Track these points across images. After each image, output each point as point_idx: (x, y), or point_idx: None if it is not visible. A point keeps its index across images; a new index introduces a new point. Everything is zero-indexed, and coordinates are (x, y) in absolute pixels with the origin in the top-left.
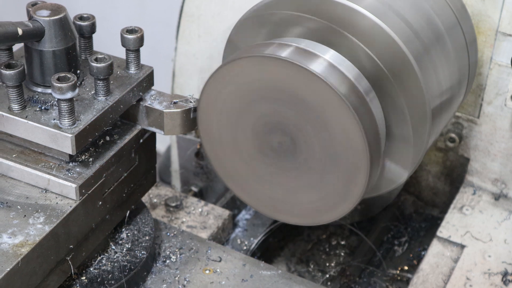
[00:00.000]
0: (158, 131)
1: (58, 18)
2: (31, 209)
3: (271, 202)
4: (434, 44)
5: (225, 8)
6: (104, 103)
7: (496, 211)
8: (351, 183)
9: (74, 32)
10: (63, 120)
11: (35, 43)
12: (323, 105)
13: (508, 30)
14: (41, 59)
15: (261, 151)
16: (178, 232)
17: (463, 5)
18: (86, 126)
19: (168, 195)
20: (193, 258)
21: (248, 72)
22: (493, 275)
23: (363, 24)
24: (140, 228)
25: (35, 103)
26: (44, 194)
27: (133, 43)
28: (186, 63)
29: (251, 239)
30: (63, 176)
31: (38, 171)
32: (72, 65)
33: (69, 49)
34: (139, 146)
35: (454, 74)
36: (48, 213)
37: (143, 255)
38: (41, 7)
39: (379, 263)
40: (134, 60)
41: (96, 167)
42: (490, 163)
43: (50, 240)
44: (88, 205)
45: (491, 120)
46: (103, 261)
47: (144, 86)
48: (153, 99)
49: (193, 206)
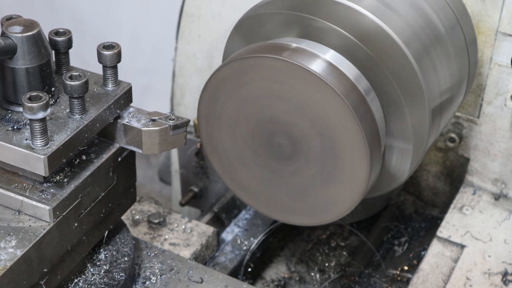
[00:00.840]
0: (137, 149)
1: (31, 35)
2: (2, 232)
3: (271, 202)
4: (434, 44)
5: (225, 8)
6: (79, 122)
7: (496, 211)
8: (351, 183)
9: (48, 49)
10: (35, 141)
11: (7, 60)
12: (323, 105)
13: (508, 30)
14: (14, 77)
15: (261, 151)
16: (159, 252)
17: (463, 5)
18: (59, 146)
19: (151, 211)
20: (173, 279)
21: (248, 72)
22: (493, 275)
23: (363, 24)
24: (119, 248)
25: (7, 123)
26: (17, 216)
27: (109, 59)
28: (186, 63)
29: (251, 239)
30: (37, 198)
31: (11, 192)
32: (46, 83)
33: (42, 66)
34: (117, 165)
35: (454, 74)
36: (20, 236)
37: (121, 277)
38: (13, 23)
39: (379, 263)
40: (112, 76)
41: (71, 187)
42: (490, 163)
43: (22, 265)
44: (63, 227)
45: (491, 120)
46: (79, 284)
47: (121, 103)
48: (131, 116)
49: (176, 223)
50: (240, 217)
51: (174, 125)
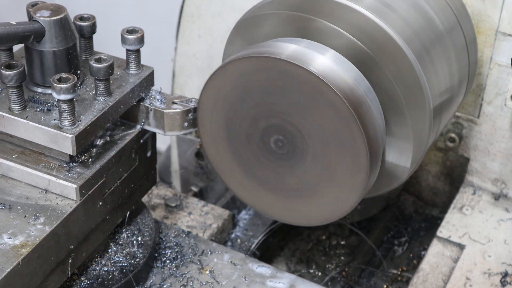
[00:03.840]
0: (159, 131)
1: (58, 19)
2: (31, 209)
3: (271, 202)
4: (434, 44)
5: (225, 8)
6: (104, 104)
7: (496, 211)
8: (351, 183)
9: (75, 33)
10: (63, 121)
11: (35, 43)
12: (323, 105)
13: (508, 30)
14: (42, 60)
15: (261, 151)
16: (178, 233)
17: (463, 5)
18: (86, 126)
19: (168, 195)
20: (193, 258)
21: (248, 72)
22: (493, 275)
23: (363, 24)
24: (140, 228)
25: (36, 104)
26: (45, 195)
27: (133, 43)
28: (186, 63)
29: (251, 239)
30: (63, 177)
31: (38, 171)
32: (73, 66)
33: (69, 50)
34: (140, 146)
35: (454, 74)
36: (48, 214)
37: (143, 256)
38: (41, 8)
39: (379, 263)
40: (135, 60)
41: (96, 167)
42: (490, 163)
43: (50, 241)
44: (89, 206)
45: (491, 120)
46: (103, 262)
47: (144, 86)
48: (153, 99)
49: (193, 206)
50: (240, 217)
51: (195, 108)
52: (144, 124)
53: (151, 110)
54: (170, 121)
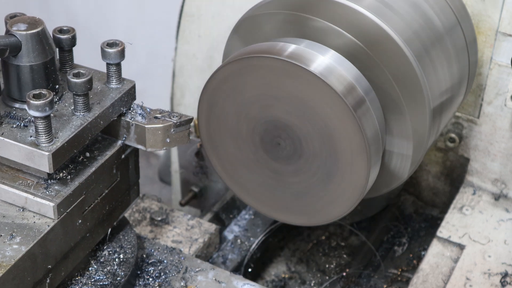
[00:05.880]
0: (140, 146)
1: (35, 32)
2: (7, 228)
3: (271, 202)
4: (434, 44)
5: (225, 8)
6: (83, 119)
7: (496, 211)
8: (350, 183)
9: (53, 46)
10: (39, 138)
11: (12, 57)
12: (323, 105)
13: (508, 30)
14: (18, 74)
15: (261, 152)
16: (162, 249)
17: (463, 5)
18: (64, 143)
19: (153, 209)
20: (177, 276)
21: (248, 72)
22: (493, 275)
23: (363, 24)
24: (122, 245)
25: (12, 119)
26: (22, 213)
27: (113, 57)
28: (186, 63)
29: (251, 239)
30: (41, 195)
31: (15, 189)
32: (51, 80)
33: (47, 64)
34: (121, 162)
35: (454, 74)
36: (25, 233)
37: (125, 274)
38: (18, 21)
39: (379, 263)
40: (115, 74)
41: (75, 184)
42: (490, 163)
43: (26, 261)
44: (67, 224)
45: (491, 120)
46: (83, 281)
47: (125, 100)
48: (134, 113)
49: (178, 220)
50: (240, 217)
51: (177, 123)
52: (125, 139)
53: (132, 125)
54: (151, 137)
